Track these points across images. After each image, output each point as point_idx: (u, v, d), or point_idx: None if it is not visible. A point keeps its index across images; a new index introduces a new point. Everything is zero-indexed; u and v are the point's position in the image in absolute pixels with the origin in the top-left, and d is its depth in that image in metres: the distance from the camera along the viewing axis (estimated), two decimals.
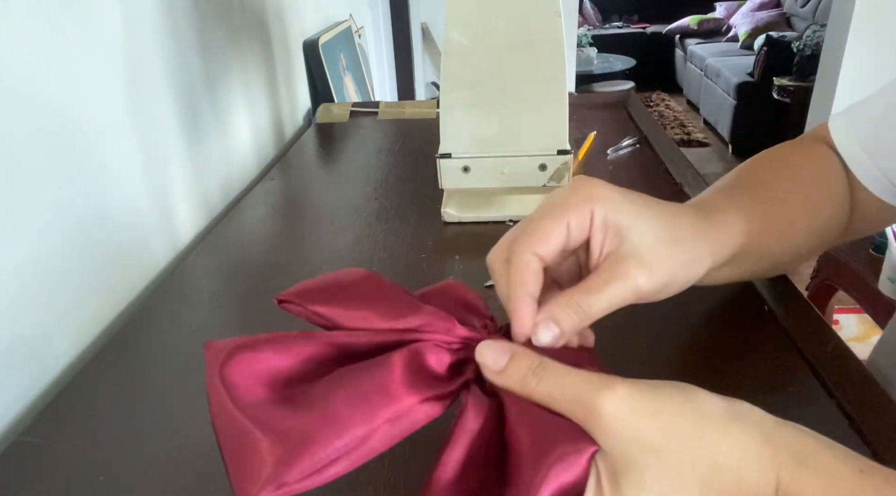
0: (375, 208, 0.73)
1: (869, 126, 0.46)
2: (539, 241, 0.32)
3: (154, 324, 0.54)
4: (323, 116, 1.10)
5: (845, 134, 0.47)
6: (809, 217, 0.45)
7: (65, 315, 0.52)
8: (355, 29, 1.49)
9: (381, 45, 2.26)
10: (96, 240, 0.57)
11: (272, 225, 0.72)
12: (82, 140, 0.55)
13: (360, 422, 0.26)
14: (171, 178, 0.70)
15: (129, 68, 0.62)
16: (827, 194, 0.46)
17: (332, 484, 0.36)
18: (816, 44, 3.29)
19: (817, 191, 0.46)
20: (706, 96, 4.31)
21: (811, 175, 0.47)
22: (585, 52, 4.59)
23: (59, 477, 0.38)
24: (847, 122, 0.48)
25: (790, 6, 4.53)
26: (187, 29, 0.75)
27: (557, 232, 0.32)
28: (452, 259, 0.61)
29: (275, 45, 1.04)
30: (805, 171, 0.47)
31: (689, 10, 5.27)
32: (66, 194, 0.53)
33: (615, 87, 4.17)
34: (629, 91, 1.18)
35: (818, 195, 0.46)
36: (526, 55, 0.62)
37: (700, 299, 0.53)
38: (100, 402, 0.45)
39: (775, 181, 0.45)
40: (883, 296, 1.45)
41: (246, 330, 0.52)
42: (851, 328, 1.78)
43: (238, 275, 0.61)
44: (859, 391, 0.41)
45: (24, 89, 0.48)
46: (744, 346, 0.47)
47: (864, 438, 0.38)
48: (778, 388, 0.43)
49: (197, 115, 0.76)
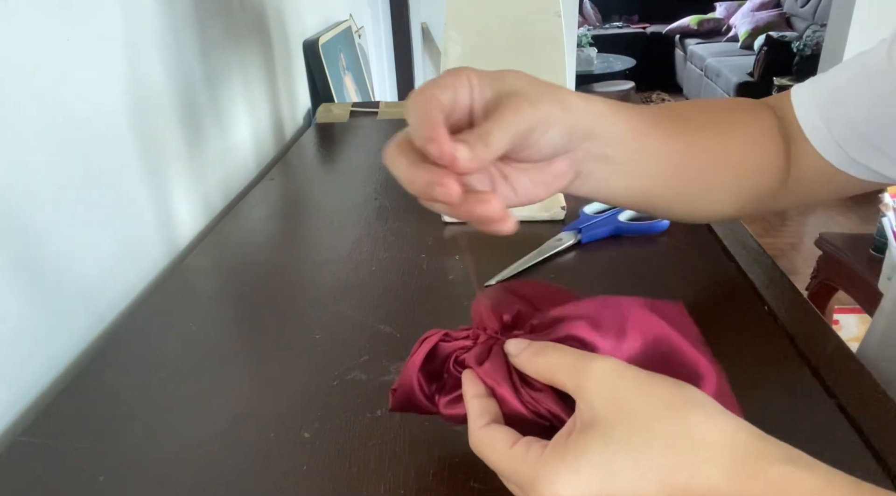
0: (375, 208, 0.73)
1: (828, 92, 0.47)
2: (436, 87, 0.33)
3: (154, 323, 0.54)
4: (323, 116, 1.10)
5: (805, 102, 0.48)
6: (711, 159, 0.45)
7: (65, 314, 0.53)
8: (355, 29, 1.49)
9: (381, 45, 2.26)
10: (96, 239, 0.57)
11: (272, 225, 0.72)
12: (82, 140, 0.55)
13: None
14: (171, 178, 0.70)
15: (129, 68, 0.62)
16: (752, 144, 0.47)
17: (332, 482, 0.37)
18: (816, 44, 3.29)
19: (739, 138, 0.47)
20: (706, 96, 4.31)
21: (740, 125, 0.47)
22: (585, 52, 4.59)
23: (59, 477, 0.38)
24: (808, 89, 0.48)
25: (790, 6, 4.53)
26: (187, 29, 0.75)
27: (450, 84, 0.34)
28: (452, 259, 0.61)
29: (275, 45, 1.04)
30: (735, 120, 0.47)
31: (689, 10, 5.27)
32: (65, 194, 0.53)
33: (615, 87, 4.17)
34: (629, 91, 1.18)
35: (738, 141, 0.47)
36: (526, 55, 0.62)
37: (700, 299, 0.53)
38: (100, 402, 0.45)
39: (692, 118, 0.46)
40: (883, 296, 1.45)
41: (246, 330, 0.52)
42: (851, 328, 1.78)
43: (238, 276, 0.61)
44: (859, 391, 0.41)
45: (24, 89, 0.48)
46: (744, 346, 0.47)
47: (865, 438, 0.38)
48: (778, 388, 0.43)
49: (197, 115, 0.76)
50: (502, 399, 0.31)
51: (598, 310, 0.32)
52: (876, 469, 0.36)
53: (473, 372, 0.32)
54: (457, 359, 0.34)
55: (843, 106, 0.46)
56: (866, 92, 0.45)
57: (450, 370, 0.34)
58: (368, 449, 0.39)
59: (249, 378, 0.46)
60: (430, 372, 0.35)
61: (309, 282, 0.59)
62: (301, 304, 0.55)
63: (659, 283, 0.56)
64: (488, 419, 0.30)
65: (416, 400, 0.35)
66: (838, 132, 0.46)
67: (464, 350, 0.34)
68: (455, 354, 0.34)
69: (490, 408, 0.31)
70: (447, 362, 0.34)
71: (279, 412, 0.42)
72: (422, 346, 0.34)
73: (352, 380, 0.45)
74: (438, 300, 0.55)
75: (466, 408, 0.31)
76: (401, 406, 0.36)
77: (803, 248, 2.60)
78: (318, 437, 0.40)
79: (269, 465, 0.38)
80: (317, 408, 0.42)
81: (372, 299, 0.55)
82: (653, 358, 0.31)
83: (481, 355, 0.32)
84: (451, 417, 0.34)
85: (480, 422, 0.30)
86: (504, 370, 0.31)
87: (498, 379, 0.31)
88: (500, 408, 0.31)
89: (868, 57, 0.46)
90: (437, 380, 0.35)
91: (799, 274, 2.34)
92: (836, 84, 0.47)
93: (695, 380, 0.29)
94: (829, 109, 0.46)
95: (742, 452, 0.25)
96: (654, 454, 0.25)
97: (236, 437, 0.40)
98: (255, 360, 0.48)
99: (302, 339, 0.50)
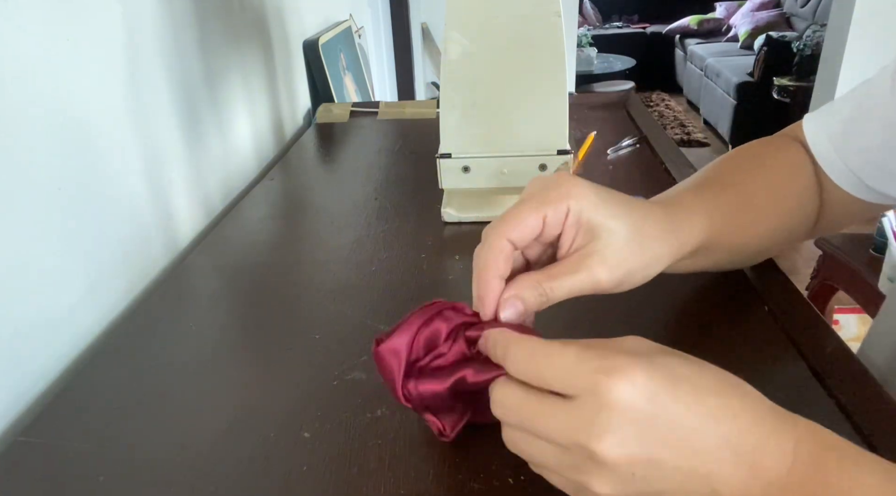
0: (375, 208, 0.73)
1: (839, 125, 0.49)
2: (514, 228, 0.35)
3: (154, 323, 0.54)
4: (323, 116, 1.10)
5: (817, 133, 0.50)
6: (776, 213, 0.48)
7: (65, 315, 0.52)
8: (355, 29, 1.49)
9: (381, 45, 2.26)
10: (96, 240, 0.57)
11: (272, 225, 0.72)
12: (82, 140, 0.55)
13: None
14: (171, 178, 0.70)
15: (129, 68, 0.62)
16: (795, 191, 0.49)
17: (332, 482, 0.37)
18: (816, 44, 3.29)
19: (786, 188, 0.49)
20: (706, 96, 4.31)
21: (781, 172, 0.49)
22: (585, 52, 4.59)
23: (59, 477, 0.38)
24: (819, 122, 0.50)
25: (790, 6, 4.53)
26: (187, 29, 0.75)
27: (533, 223, 0.35)
28: (452, 259, 0.61)
29: (275, 45, 1.04)
30: (775, 169, 0.49)
31: (689, 10, 5.27)
32: (65, 194, 0.53)
33: (615, 87, 4.17)
34: (629, 91, 1.18)
35: (786, 192, 0.49)
36: (526, 55, 0.62)
37: (700, 299, 0.53)
38: (100, 402, 0.45)
39: (745, 178, 0.48)
40: (883, 296, 1.45)
41: (246, 330, 0.52)
42: (851, 328, 1.78)
43: (238, 275, 0.61)
44: (859, 391, 0.41)
45: (24, 89, 0.48)
46: (743, 346, 0.47)
47: (865, 438, 0.38)
48: (778, 388, 0.43)
49: (197, 115, 0.76)
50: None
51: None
52: None
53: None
54: (457, 330, 0.35)
55: (855, 137, 0.47)
56: (876, 122, 0.46)
57: (447, 340, 0.35)
58: (368, 449, 0.39)
59: (249, 378, 0.46)
60: (426, 339, 0.35)
61: (309, 282, 0.59)
62: (301, 304, 0.55)
63: (658, 284, 0.56)
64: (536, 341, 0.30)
65: (399, 358, 0.35)
66: (853, 163, 0.47)
67: (468, 326, 0.35)
68: (460, 327, 0.35)
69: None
70: (451, 332, 0.35)
71: (279, 412, 0.42)
72: (431, 306, 0.35)
73: (352, 380, 0.45)
74: None
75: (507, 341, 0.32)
76: (381, 359, 0.35)
77: (803, 247, 2.59)
78: (318, 437, 0.40)
79: (269, 465, 0.38)
80: (317, 408, 0.42)
81: (372, 299, 0.55)
82: None
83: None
84: (425, 392, 0.34)
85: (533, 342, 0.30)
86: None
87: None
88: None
89: (872, 86, 0.47)
90: (429, 350, 0.35)
91: (799, 274, 2.34)
92: (843, 116, 0.49)
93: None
94: (842, 141, 0.48)
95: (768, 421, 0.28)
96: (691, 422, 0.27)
97: (236, 437, 0.40)
98: (255, 360, 0.48)
99: (302, 339, 0.50)
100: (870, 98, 0.47)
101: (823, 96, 2.51)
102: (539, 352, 0.29)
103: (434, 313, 0.35)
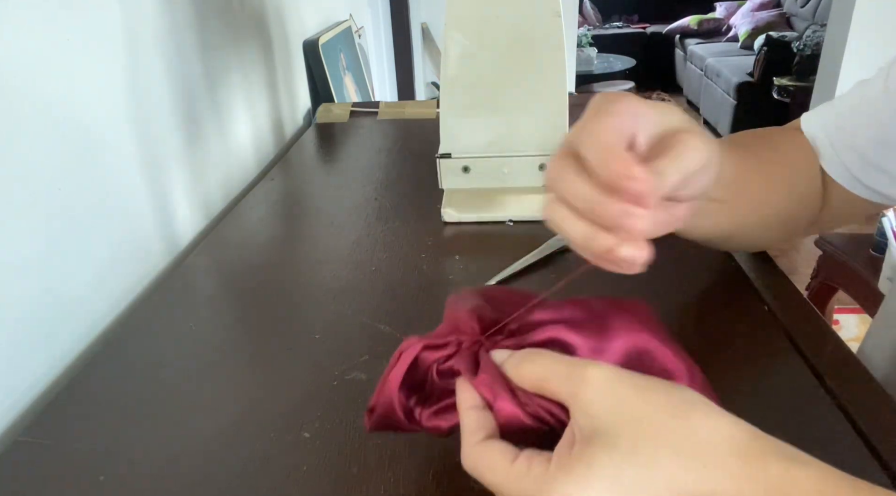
0: (375, 208, 0.73)
1: (834, 121, 0.50)
2: (610, 117, 0.30)
3: (154, 324, 0.54)
4: (323, 116, 1.10)
5: (814, 128, 0.51)
6: (785, 188, 0.49)
7: (65, 314, 0.53)
8: (355, 29, 1.49)
9: (381, 45, 2.26)
10: (96, 240, 0.57)
11: (272, 225, 0.72)
12: (82, 140, 0.55)
13: None
14: (171, 179, 0.70)
15: (129, 67, 0.62)
16: (805, 173, 0.50)
17: (332, 482, 0.37)
18: (816, 44, 3.29)
19: (796, 167, 0.50)
20: (706, 96, 4.31)
21: (793, 154, 0.51)
22: (585, 52, 4.58)
23: (59, 477, 0.38)
24: (817, 118, 0.52)
25: (790, 6, 4.53)
26: (187, 29, 0.75)
27: (621, 111, 0.31)
28: (452, 259, 0.61)
29: (275, 45, 1.04)
30: (788, 150, 0.51)
31: (689, 10, 5.27)
32: (65, 194, 0.53)
33: (615, 87, 4.17)
34: (629, 91, 1.18)
35: (796, 170, 0.50)
36: (526, 55, 0.62)
37: (700, 299, 0.53)
38: (100, 402, 0.45)
39: (760, 150, 0.49)
40: (882, 296, 1.45)
41: (246, 330, 0.52)
42: (851, 328, 1.78)
43: (238, 276, 0.61)
44: (859, 391, 0.41)
45: (24, 89, 0.48)
46: (744, 346, 0.47)
47: (865, 438, 0.38)
48: (777, 388, 0.43)
49: (197, 115, 0.76)
50: (500, 409, 0.29)
51: (573, 313, 0.31)
52: (876, 469, 0.36)
53: (468, 381, 0.30)
54: (439, 368, 0.31)
55: (848, 132, 0.49)
56: (867, 119, 0.48)
57: (433, 380, 0.31)
58: (368, 449, 0.39)
59: (249, 378, 0.46)
60: (410, 385, 0.32)
61: (309, 283, 0.59)
62: (301, 304, 0.55)
63: (659, 283, 0.56)
64: (484, 434, 0.28)
65: (396, 418, 0.32)
66: (846, 157, 0.49)
67: (446, 358, 0.31)
68: (437, 363, 0.31)
69: (486, 422, 0.29)
70: (429, 372, 0.32)
71: (279, 412, 0.42)
72: (401, 360, 0.32)
73: (352, 380, 0.45)
74: (438, 300, 0.55)
75: (461, 421, 0.29)
76: (379, 426, 0.33)
77: (803, 247, 2.59)
78: (318, 437, 0.40)
79: (269, 465, 0.38)
80: (317, 408, 0.42)
81: (372, 299, 0.55)
82: (632, 358, 0.30)
83: (469, 362, 0.31)
84: (436, 429, 0.32)
85: (476, 438, 0.28)
86: (500, 378, 0.29)
87: (495, 388, 0.29)
88: (496, 420, 0.29)
89: (867, 86, 0.49)
90: (418, 393, 0.33)
91: (799, 274, 2.34)
92: (839, 111, 0.51)
93: (672, 379, 0.29)
94: (836, 135, 0.50)
95: (743, 452, 0.25)
96: (662, 461, 0.25)
97: (236, 437, 0.40)
98: (255, 360, 0.48)
99: (302, 339, 0.50)
100: (864, 96, 0.49)
101: (823, 96, 2.51)
102: (482, 461, 0.27)
103: (409, 361, 0.32)
